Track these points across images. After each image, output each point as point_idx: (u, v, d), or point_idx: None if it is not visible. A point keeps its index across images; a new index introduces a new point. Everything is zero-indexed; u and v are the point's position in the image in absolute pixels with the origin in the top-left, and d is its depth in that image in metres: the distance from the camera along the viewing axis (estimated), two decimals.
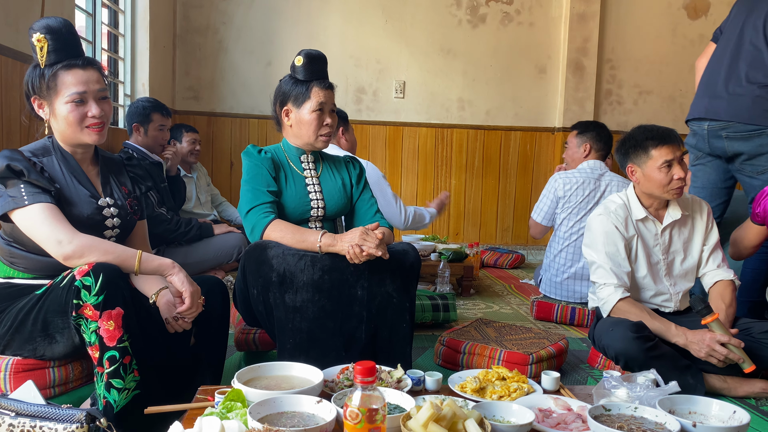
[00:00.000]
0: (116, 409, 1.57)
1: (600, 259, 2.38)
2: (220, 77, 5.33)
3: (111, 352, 1.56)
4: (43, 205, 1.64)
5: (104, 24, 4.22)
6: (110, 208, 1.82)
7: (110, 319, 1.56)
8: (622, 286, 2.34)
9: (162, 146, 3.70)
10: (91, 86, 1.73)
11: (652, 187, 2.37)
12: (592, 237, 2.44)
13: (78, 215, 1.73)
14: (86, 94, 1.72)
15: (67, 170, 1.77)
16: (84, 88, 1.71)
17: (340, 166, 2.38)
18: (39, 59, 1.70)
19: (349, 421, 1.23)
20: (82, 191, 1.77)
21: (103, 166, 1.89)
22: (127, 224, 1.87)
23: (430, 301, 3.06)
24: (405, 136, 5.54)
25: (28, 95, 1.76)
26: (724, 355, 2.13)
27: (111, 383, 1.57)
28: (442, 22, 5.47)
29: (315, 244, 2.02)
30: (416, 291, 2.18)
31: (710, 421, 1.61)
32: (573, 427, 1.55)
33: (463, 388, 1.75)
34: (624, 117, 5.64)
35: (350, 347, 2.03)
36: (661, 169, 2.32)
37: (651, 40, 5.62)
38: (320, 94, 2.19)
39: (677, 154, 2.33)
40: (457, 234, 5.65)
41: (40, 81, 1.71)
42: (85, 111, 1.72)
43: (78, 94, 1.70)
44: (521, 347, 2.38)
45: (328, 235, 2.03)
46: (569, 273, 3.34)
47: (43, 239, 1.63)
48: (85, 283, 1.55)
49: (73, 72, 1.71)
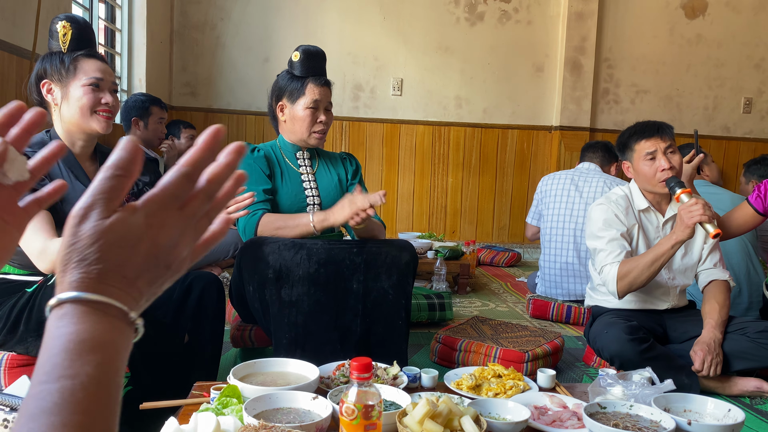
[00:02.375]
0: None
1: (599, 245, 2.39)
2: (217, 73, 5.32)
3: None
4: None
5: (101, 19, 4.21)
6: None
7: None
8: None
9: (160, 140, 3.69)
10: (108, 77, 1.79)
11: (643, 181, 2.40)
12: (592, 225, 2.45)
13: None
14: (103, 81, 1.77)
15: (65, 166, 1.77)
16: (102, 75, 1.77)
17: (336, 162, 2.38)
18: (61, 45, 1.75)
19: (345, 418, 1.23)
20: (79, 187, 1.76)
21: (102, 162, 1.89)
22: None
23: (426, 300, 3.06)
24: (402, 134, 5.53)
25: (39, 78, 1.77)
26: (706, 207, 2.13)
27: None
28: (439, 20, 5.47)
29: (308, 225, 2.04)
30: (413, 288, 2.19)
31: (705, 419, 1.61)
32: (568, 424, 1.56)
33: (459, 386, 1.75)
34: (621, 116, 5.64)
35: (345, 341, 2.03)
36: (646, 161, 2.36)
37: (648, 39, 5.62)
38: (315, 91, 2.19)
39: (661, 145, 2.35)
40: (454, 232, 5.65)
41: (60, 64, 1.75)
42: (99, 97, 1.76)
43: (96, 79, 1.75)
44: (517, 345, 2.38)
45: (318, 213, 2.06)
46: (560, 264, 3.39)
47: (27, 250, 1.60)
48: None
49: (93, 61, 1.77)
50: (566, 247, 3.36)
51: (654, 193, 2.43)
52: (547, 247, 3.46)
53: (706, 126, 5.73)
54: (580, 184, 3.41)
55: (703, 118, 5.76)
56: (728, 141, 5.79)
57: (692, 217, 2.14)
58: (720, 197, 3.13)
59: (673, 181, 2.26)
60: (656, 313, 2.44)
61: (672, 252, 2.22)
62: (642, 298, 2.44)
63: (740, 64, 5.74)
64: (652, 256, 2.24)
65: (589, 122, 5.52)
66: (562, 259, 3.37)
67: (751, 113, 5.81)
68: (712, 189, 3.27)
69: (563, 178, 3.50)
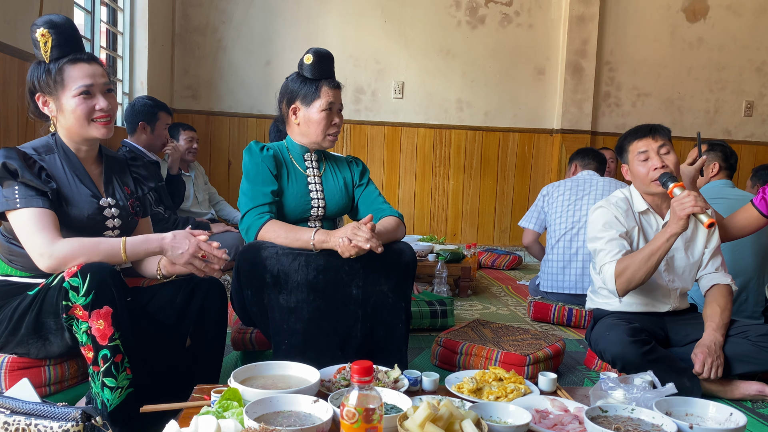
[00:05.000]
0: (110, 408, 1.56)
1: (599, 245, 2.39)
2: (218, 76, 5.33)
3: (104, 351, 1.55)
4: (33, 211, 1.62)
5: (103, 22, 4.22)
6: (111, 208, 1.81)
7: (99, 318, 1.55)
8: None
9: (163, 144, 3.70)
10: (98, 79, 1.73)
11: (638, 182, 2.41)
12: (592, 227, 2.45)
13: (78, 215, 1.72)
14: (93, 87, 1.72)
15: (70, 169, 1.76)
16: (91, 81, 1.71)
17: (342, 165, 2.37)
18: (43, 54, 1.69)
19: (345, 421, 1.23)
20: (83, 190, 1.76)
21: (107, 165, 1.88)
22: (128, 225, 1.86)
23: (428, 307, 3.04)
24: (403, 137, 5.54)
25: (32, 92, 1.75)
26: (698, 198, 2.13)
27: (104, 382, 1.56)
28: (441, 23, 5.48)
29: (309, 242, 2.02)
30: (412, 291, 2.18)
31: (707, 423, 1.61)
32: (570, 428, 1.55)
33: (460, 389, 1.75)
34: (622, 119, 5.64)
35: (346, 346, 2.02)
36: (639, 161, 2.37)
37: (650, 42, 5.62)
38: (329, 94, 2.18)
39: (653, 145, 2.35)
40: (455, 235, 5.65)
41: (47, 77, 1.70)
42: (93, 104, 1.72)
43: (86, 87, 1.70)
44: (518, 348, 2.38)
45: (321, 232, 2.02)
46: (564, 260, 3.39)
47: (28, 249, 1.63)
48: (72, 284, 1.54)
49: (79, 66, 1.71)
50: (574, 243, 3.37)
51: (653, 196, 2.42)
52: (554, 237, 3.48)
53: (708, 129, 5.73)
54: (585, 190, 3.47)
55: (705, 122, 5.76)
56: (729, 144, 5.78)
57: (684, 209, 2.14)
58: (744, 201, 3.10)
59: (666, 177, 2.26)
60: (658, 316, 2.43)
61: (668, 246, 2.22)
62: (643, 300, 2.43)
63: (741, 67, 5.74)
64: (648, 251, 2.24)
65: (590, 125, 5.52)
66: (569, 251, 3.38)
67: (752, 116, 5.81)
68: (738, 192, 3.21)
69: (567, 186, 3.55)
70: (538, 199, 3.66)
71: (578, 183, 3.53)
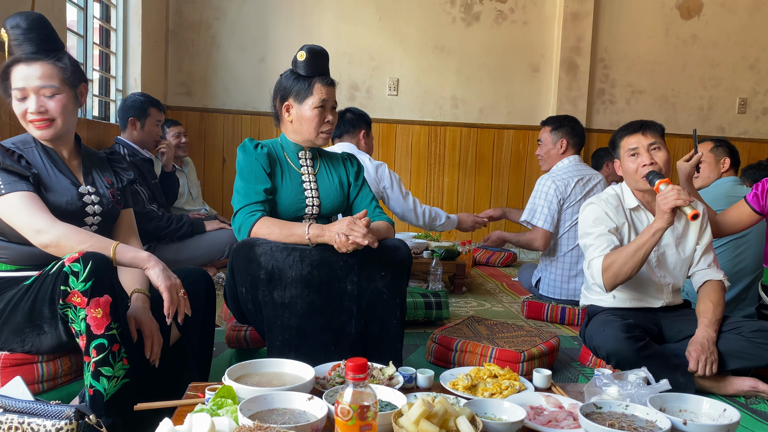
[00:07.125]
0: (106, 398, 1.55)
1: (589, 241, 2.40)
2: (212, 73, 5.31)
3: (99, 340, 1.54)
4: (22, 194, 1.64)
5: (96, 18, 4.19)
6: (91, 195, 1.81)
7: (98, 306, 1.54)
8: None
9: (156, 142, 3.67)
10: (31, 82, 1.70)
11: (628, 178, 2.44)
12: (583, 223, 2.46)
13: (57, 202, 1.72)
14: (25, 89, 1.70)
15: (48, 161, 1.78)
16: (22, 84, 1.70)
17: (337, 163, 2.36)
18: (7, 56, 1.71)
19: (340, 418, 1.22)
20: (62, 178, 1.77)
21: (86, 158, 1.89)
22: (109, 213, 1.86)
23: (423, 299, 3.06)
24: (398, 134, 5.53)
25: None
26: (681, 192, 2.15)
27: (100, 371, 1.55)
28: (436, 20, 5.47)
29: (303, 236, 2.01)
30: (407, 287, 2.18)
31: (701, 419, 1.61)
32: (564, 424, 1.56)
33: (455, 386, 1.75)
34: (616, 116, 5.65)
35: (340, 342, 2.01)
36: (629, 158, 2.40)
37: (644, 39, 5.63)
38: (322, 91, 2.18)
39: (643, 142, 2.37)
40: (450, 232, 5.65)
41: (2, 80, 1.72)
42: (24, 107, 1.72)
43: (18, 90, 1.70)
44: (513, 345, 2.38)
45: (315, 226, 2.02)
46: (578, 269, 3.31)
47: (23, 227, 1.63)
48: (73, 269, 1.53)
49: (17, 68, 1.71)
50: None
51: (643, 192, 2.43)
52: (566, 245, 3.31)
53: (702, 126, 5.74)
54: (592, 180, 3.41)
55: (699, 119, 5.78)
56: None
57: (667, 203, 2.17)
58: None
59: (653, 174, 2.29)
60: (651, 312, 2.44)
61: (654, 240, 2.24)
62: (636, 296, 2.44)
63: (735, 64, 5.76)
64: (635, 246, 2.26)
65: (585, 122, 5.52)
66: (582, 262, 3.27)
67: (746, 113, 5.83)
68: (744, 189, 3.13)
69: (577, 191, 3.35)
70: (546, 194, 3.32)
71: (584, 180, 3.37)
